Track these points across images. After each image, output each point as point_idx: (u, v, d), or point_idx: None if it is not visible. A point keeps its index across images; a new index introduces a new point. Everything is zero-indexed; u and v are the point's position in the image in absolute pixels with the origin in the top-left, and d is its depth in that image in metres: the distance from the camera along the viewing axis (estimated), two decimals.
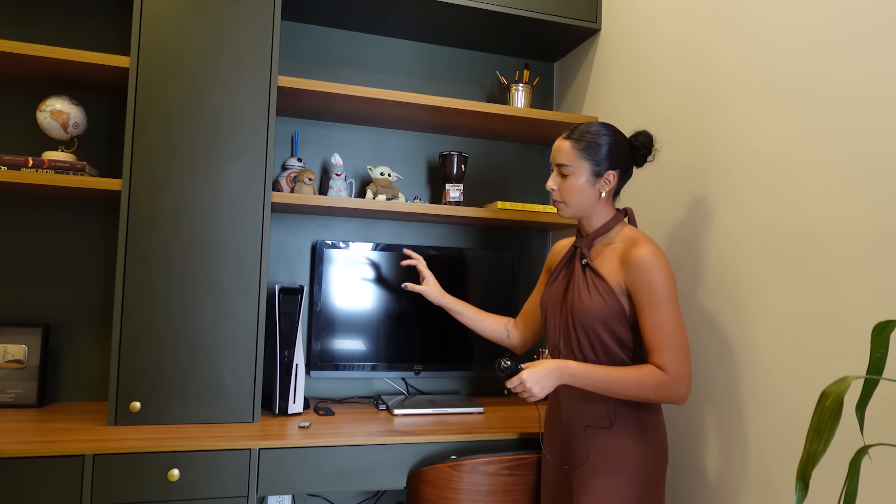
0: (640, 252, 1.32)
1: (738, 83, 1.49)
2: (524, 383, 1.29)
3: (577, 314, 1.38)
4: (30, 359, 1.83)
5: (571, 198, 1.41)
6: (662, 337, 1.28)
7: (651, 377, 1.28)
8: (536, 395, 1.30)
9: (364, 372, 2.03)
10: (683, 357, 1.28)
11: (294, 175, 1.99)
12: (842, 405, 0.69)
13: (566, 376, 1.31)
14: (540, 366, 1.31)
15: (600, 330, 1.36)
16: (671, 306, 1.29)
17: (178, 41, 1.70)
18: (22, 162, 1.67)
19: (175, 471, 1.50)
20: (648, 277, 1.30)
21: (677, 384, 1.27)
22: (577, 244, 1.47)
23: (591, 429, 1.38)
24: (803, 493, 0.70)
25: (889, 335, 0.81)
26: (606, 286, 1.36)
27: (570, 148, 1.40)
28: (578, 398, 1.42)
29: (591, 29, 2.11)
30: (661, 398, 1.28)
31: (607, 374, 1.29)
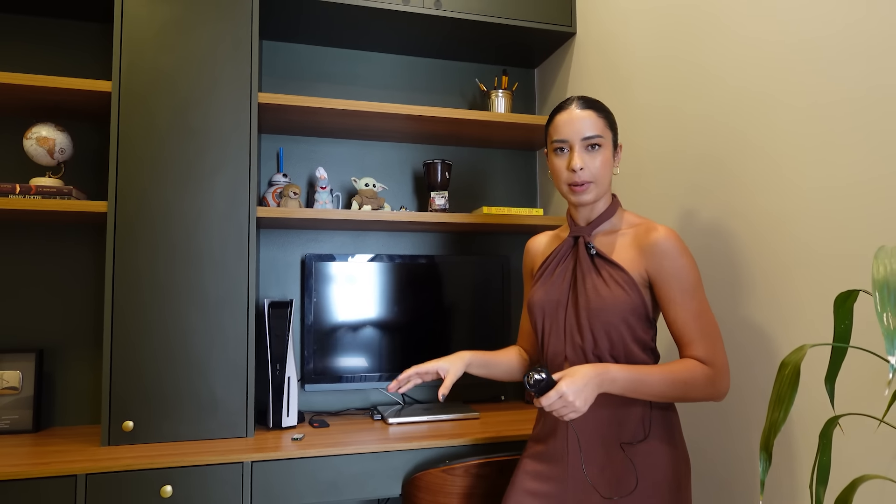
0: (661, 236, 1.18)
1: (714, 78, 1.51)
2: (565, 397, 1.06)
3: (596, 312, 1.20)
4: (24, 385, 1.84)
5: (603, 175, 1.23)
6: (699, 327, 1.15)
7: (697, 372, 1.12)
8: (580, 410, 1.07)
9: (359, 383, 2.03)
10: (721, 348, 1.16)
11: (280, 190, 2.01)
12: (799, 373, 0.70)
13: (608, 382, 1.11)
14: (577, 374, 1.09)
15: (622, 328, 1.19)
16: (701, 294, 1.17)
17: (159, 61, 1.73)
18: (9, 189, 1.69)
19: (168, 487, 1.50)
20: (677, 263, 1.16)
21: (722, 377, 1.14)
22: (576, 234, 1.30)
23: (628, 446, 1.20)
24: (767, 462, 0.70)
25: (851, 305, 0.82)
26: (627, 276, 1.19)
27: (596, 116, 1.23)
28: (607, 409, 1.22)
29: (567, 33, 2.13)
30: (706, 396, 1.13)
31: (651, 375, 1.12)
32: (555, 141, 1.26)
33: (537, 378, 1.06)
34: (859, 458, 1.08)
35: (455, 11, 2.01)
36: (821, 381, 1.15)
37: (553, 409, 1.08)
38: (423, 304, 2.10)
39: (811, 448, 1.19)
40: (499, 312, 2.17)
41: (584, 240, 1.27)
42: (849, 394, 1.10)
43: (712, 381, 1.13)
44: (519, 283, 2.38)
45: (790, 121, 1.27)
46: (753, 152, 1.37)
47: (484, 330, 2.15)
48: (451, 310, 2.13)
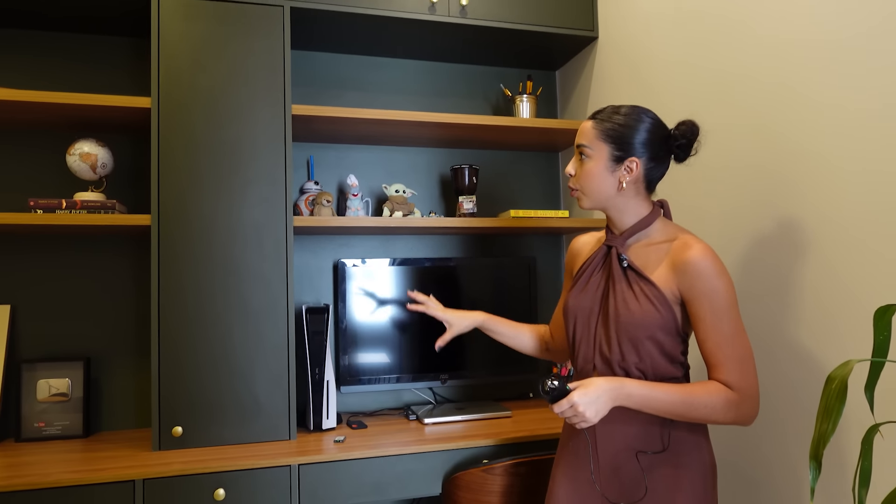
0: (696, 255, 1.16)
1: (736, 82, 1.54)
2: (576, 406, 1.11)
3: (624, 325, 1.21)
4: (73, 391, 1.91)
5: (587, 184, 1.26)
6: (728, 351, 1.14)
7: (720, 396, 1.12)
8: (590, 421, 1.11)
9: (392, 384, 2.09)
10: (751, 372, 1.14)
11: (312, 198, 2.06)
12: (846, 387, 0.74)
13: (622, 397, 1.13)
14: (592, 385, 1.13)
15: (649, 344, 1.19)
16: (735, 316, 1.15)
17: (195, 77, 1.78)
18: (56, 204, 1.75)
19: (221, 490, 1.56)
20: (710, 285, 1.14)
21: (748, 403, 1.13)
22: (609, 242, 1.29)
23: (644, 455, 1.22)
24: (817, 471, 0.75)
25: (890, 319, 0.86)
26: (658, 293, 1.19)
27: (591, 128, 1.26)
28: (621, 419, 1.24)
29: (589, 37, 2.17)
30: (729, 419, 1.13)
31: (669, 395, 1.13)
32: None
33: (551, 386, 1.12)
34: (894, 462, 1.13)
35: (479, 19, 2.05)
36: (861, 391, 1.19)
37: (565, 417, 1.13)
38: (453, 306, 2.15)
39: (853, 454, 1.23)
40: (526, 312, 2.22)
41: (616, 251, 1.27)
42: (888, 402, 1.15)
43: (735, 406, 1.12)
44: (545, 282, 2.43)
45: (823, 125, 1.31)
46: (783, 158, 1.40)
47: None
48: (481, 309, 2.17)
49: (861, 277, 1.21)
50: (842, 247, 1.25)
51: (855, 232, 1.23)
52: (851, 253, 1.23)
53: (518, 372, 2.21)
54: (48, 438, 1.88)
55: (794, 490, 1.37)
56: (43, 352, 1.95)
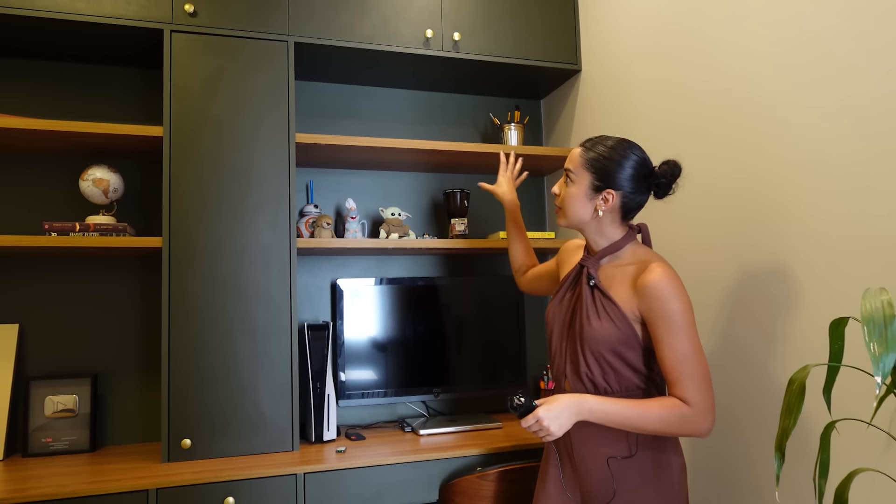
0: (653, 279, 1.24)
1: (712, 112, 1.69)
2: (541, 421, 1.21)
3: (587, 340, 1.30)
4: (80, 407, 1.97)
5: (567, 206, 1.37)
6: (683, 369, 1.21)
7: (674, 411, 1.20)
8: (554, 434, 1.21)
9: (387, 398, 2.19)
10: (706, 388, 1.21)
11: (312, 220, 2.17)
12: (804, 388, 0.87)
13: (584, 412, 1.23)
14: (556, 402, 1.23)
15: (611, 357, 1.29)
16: (690, 335, 1.22)
17: (205, 107, 1.89)
18: (70, 227, 1.84)
19: (230, 499, 1.64)
20: (666, 307, 1.22)
21: (701, 417, 1.20)
22: (583, 262, 1.39)
23: (614, 460, 1.31)
24: (781, 461, 0.88)
25: (843, 329, 1.00)
26: (618, 311, 1.28)
27: (578, 155, 1.37)
28: (594, 427, 1.34)
29: (572, 70, 2.32)
30: (685, 432, 1.21)
31: (628, 409, 1.22)
32: None
33: (517, 403, 1.22)
34: (853, 455, 1.27)
35: (471, 53, 2.19)
36: (818, 393, 1.33)
37: (531, 431, 1.25)
38: (445, 322, 2.27)
39: (813, 448, 1.37)
40: (514, 328, 2.34)
41: (586, 270, 1.37)
42: (843, 402, 1.29)
43: (690, 421, 1.20)
44: (532, 301, 2.55)
45: (791, 164, 1.46)
46: (755, 189, 1.55)
47: (502, 343, 2.32)
48: (471, 326, 2.30)
49: (816, 292, 1.36)
50: (804, 264, 1.40)
51: (813, 248, 1.37)
52: (812, 269, 1.38)
53: (506, 386, 2.32)
54: (55, 453, 1.93)
55: (759, 483, 1.51)
56: (50, 369, 2.02)
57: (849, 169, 1.29)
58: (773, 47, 1.48)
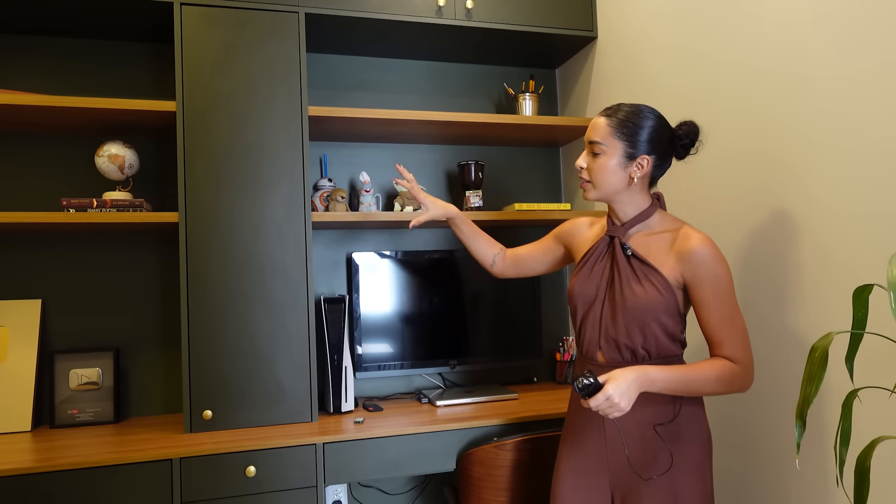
0: (697, 244, 1.27)
1: (731, 77, 1.65)
2: (611, 399, 1.19)
3: (631, 309, 1.31)
4: (104, 380, 2.01)
5: (600, 179, 1.35)
6: (730, 329, 1.26)
7: (726, 370, 1.25)
8: (624, 410, 1.20)
9: (403, 370, 2.21)
10: (748, 346, 1.27)
11: (327, 194, 2.17)
12: (827, 355, 0.86)
13: (647, 383, 1.23)
14: (621, 378, 1.21)
15: (654, 325, 1.31)
16: (733, 298, 1.27)
17: (217, 82, 1.88)
18: (87, 203, 1.85)
19: (252, 468, 1.68)
20: (712, 270, 1.26)
21: (748, 374, 1.26)
22: (612, 233, 1.39)
23: (661, 427, 1.32)
24: (802, 429, 0.87)
25: (867, 297, 0.98)
26: (662, 279, 1.30)
27: (605, 125, 1.34)
28: (643, 398, 1.34)
29: (588, 37, 2.27)
30: (734, 390, 1.26)
31: (685, 374, 1.24)
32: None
33: (586, 383, 1.19)
34: (875, 424, 1.26)
35: (484, 21, 2.15)
36: (842, 361, 1.32)
37: (600, 410, 1.21)
38: (460, 294, 2.27)
39: (834, 417, 1.37)
40: (530, 300, 2.34)
41: (619, 241, 1.37)
42: (866, 370, 1.28)
43: (740, 378, 1.25)
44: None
45: (810, 132, 1.42)
46: (774, 157, 1.52)
47: (517, 315, 2.32)
48: (486, 298, 2.30)
49: (838, 260, 1.34)
50: (825, 230, 1.38)
51: (837, 214, 1.35)
52: (834, 234, 1.36)
53: (523, 357, 2.33)
54: (81, 424, 1.98)
55: (779, 452, 1.50)
56: (73, 343, 2.05)
57: (872, 137, 1.26)
58: (791, 18, 1.44)
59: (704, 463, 1.33)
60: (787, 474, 1.49)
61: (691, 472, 1.31)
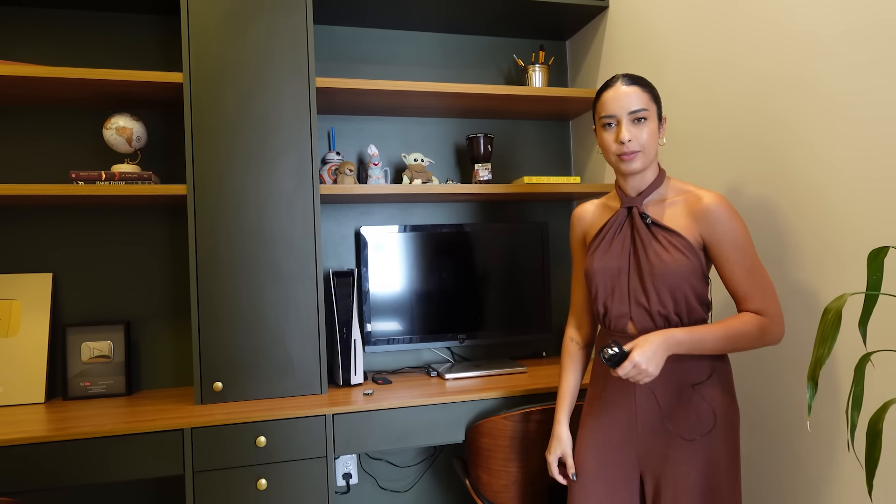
0: (712, 203, 1.29)
1: (744, 51, 1.62)
2: (638, 366, 1.20)
3: (661, 276, 1.31)
4: (115, 353, 2.03)
5: (649, 144, 1.33)
6: (754, 282, 1.27)
7: (754, 323, 1.26)
8: (652, 375, 1.21)
9: (412, 344, 2.21)
10: (775, 297, 1.28)
11: (335, 167, 2.16)
12: (840, 317, 0.85)
13: (674, 345, 1.24)
14: (647, 343, 1.22)
15: (686, 288, 1.30)
16: (752, 251, 1.29)
17: (224, 54, 1.87)
18: (96, 176, 1.85)
19: (262, 438, 1.69)
20: (730, 226, 1.28)
21: (778, 325, 1.27)
22: (628, 204, 1.39)
23: (699, 386, 1.32)
24: (814, 390, 0.86)
25: (882, 260, 0.96)
26: (685, 242, 1.31)
27: (640, 91, 1.33)
28: (674, 358, 1.34)
29: (600, 7, 2.23)
30: (765, 342, 1.26)
31: (712, 333, 1.25)
32: (603, 117, 1.35)
33: (612, 353, 1.20)
34: (889, 388, 1.25)
35: None
36: (856, 326, 1.30)
37: (629, 377, 1.22)
38: (470, 269, 2.26)
39: (846, 381, 1.36)
40: (539, 274, 2.33)
41: (637, 210, 1.37)
42: (880, 334, 1.26)
43: (770, 330, 1.26)
44: (557, 246, 2.53)
45: (822, 97, 1.39)
46: (785, 128, 1.49)
47: (527, 290, 2.32)
48: (496, 272, 2.29)
49: (856, 220, 1.31)
50: (840, 191, 1.35)
51: (851, 177, 1.32)
52: (848, 197, 1.33)
53: (532, 332, 2.32)
54: (94, 396, 2.00)
55: (791, 414, 1.49)
56: (85, 317, 2.07)
57: (888, 95, 1.23)
58: None
59: (736, 424, 1.34)
60: (799, 437, 1.48)
61: (725, 434, 1.31)
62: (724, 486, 1.29)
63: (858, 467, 1.33)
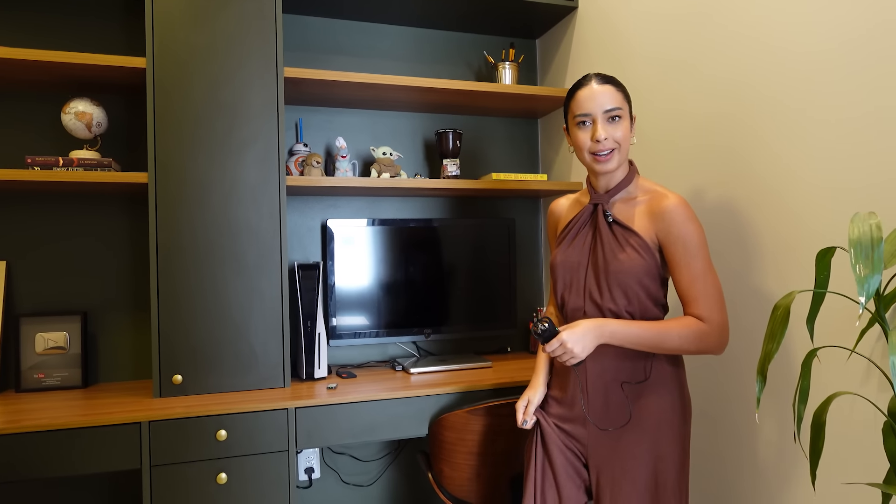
0: (670, 205, 1.29)
1: (707, 48, 1.66)
2: (564, 344, 1.25)
3: (613, 273, 1.33)
4: (71, 344, 1.98)
5: (624, 142, 1.35)
6: (699, 288, 1.27)
7: (692, 328, 1.26)
8: (578, 356, 1.26)
9: (378, 339, 2.21)
10: (721, 306, 1.27)
11: (302, 159, 2.14)
12: (789, 313, 0.88)
13: (606, 335, 1.27)
14: (578, 326, 1.27)
15: (637, 288, 1.32)
16: (705, 256, 1.28)
17: (189, 40, 1.83)
18: (53, 162, 1.80)
19: (223, 431, 1.67)
20: (683, 229, 1.28)
21: (718, 334, 1.26)
22: (595, 201, 1.41)
23: (628, 385, 1.36)
24: (762, 384, 0.89)
25: (830, 260, 1.00)
26: (641, 241, 1.32)
27: (614, 90, 1.35)
28: (612, 356, 1.38)
29: (569, 7, 2.25)
30: (702, 349, 1.27)
31: (648, 330, 1.27)
32: (578, 115, 1.36)
33: (542, 328, 1.25)
34: (834, 383, 1.29)
35: None
36: (804, 323, 1.35)
37: (555, 355, 1.27)
38: (436, 264, 2.27)
39: (795, 377, 1.40)
40: (506, 270, 2.35)
41: (602, 208, 1.39)
42: (827, 331, 1.31)
43: (707, 337, 1.26)
44: (524, 243, 2.55)
45: (780, 106, 1.43)
46: (748, 128, 1.53)
47: (493, 285, 2.33)
48: (462, 268, 2.30)
49: (810, 222, 1.36)
50: (794, 194, 1.39)
51: (805, 181, 1.37)
52: (802, 200, 1.38)
53: (498, 327, 2.34)
54: (48, 389, 1.95)
55: (741, 409, 1.54)
56: (40, 307, 2.01)
57: (840, 104, 1.27)
58: None
59: (681, 428, 1.35)
60: (749, 430, 1.53)
61: (668, 435, 1.34)
62: (670, 480, 1.33)
63: (804, 458, 1.38)
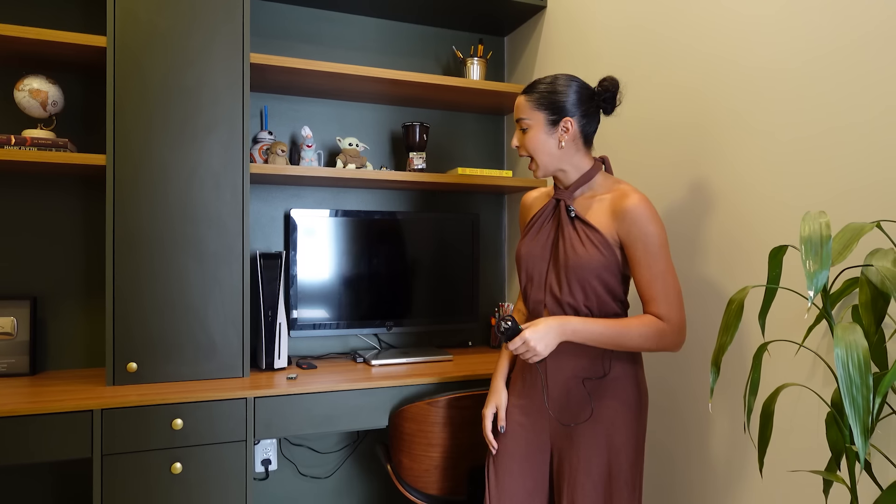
0: (633, 203, 1.31)
1: (673, 50, 1.70)
2: (527, 342, 1.27)
3: (573, 268, 1.35)
4: (19, 330, 1.91)
5: (534, 150, 1.39)
6: (659, 287, 1.29)
7: (652, 327, 1.29)
8: (541, 354, 1.28)
9: (339, 330, 2.20)
10: (680, 306, 1.30)
11: (266, 147, 2.11)
12: (742, 307, 0.91)
13: (568, 332, 1.30)
14: (541, 324, 1.29)
15: (595, 283, 1.34)
16: (665, 256, 1.30)
17: (153, 20, 1.78)
18: (5, 140, 1.73)
19: (178, 420, 1.64)
20: (644, 229, 1.30)
21: (676, 333, 1.29)
22: (557, 196, 1.44)
23: (589, 381, 1.38)
24: (716, 375, 0.92)
25: (782, 257, 1.04)
26: (601, 237, 1.34)
27: (524, 101, 1.40)
28: (571, 353, 1.40)
29: (538, 6, 2.28)
30: (661, 347, 1.30)
31: (609, 328, 1.29)
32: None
33: (505, 327, 1.27)
34: (783, 375, 1.35)
35: None
36: (756, 318, 1.40)
37: (518, 353, 1.29)
38: (400, 257, 2.27)
39: (747, 369, 1.45)
40: (469, 265, 2.37)
41: (564, 203, 1.42)
42: (778, 326, 1.36)
43: (666, 336, 1.29)
44: (488, 238, 2.57)
45: (738, 108, 1.49)
46: (704, 131, 1.58)
47: (456, 279, 2.35)
48: (426, 261, 2.31)
49: (758, 223, 1.41)
50: (744, 197, 1.45)
51: (755, 184, 1.42)
52: (753, 203, 1.43)
53: (459, 321, 2.36)
54: None
55: (695, 401, 1.59)
56: None
57: (792, 113, 1.33)
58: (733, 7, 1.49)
59: (637, 422, 1.39)
60: (703, 420, 1.58)
61: (623, 429, 1.37)
62: (624, 471, 1.36)
63: (753, 448, 1.44)
